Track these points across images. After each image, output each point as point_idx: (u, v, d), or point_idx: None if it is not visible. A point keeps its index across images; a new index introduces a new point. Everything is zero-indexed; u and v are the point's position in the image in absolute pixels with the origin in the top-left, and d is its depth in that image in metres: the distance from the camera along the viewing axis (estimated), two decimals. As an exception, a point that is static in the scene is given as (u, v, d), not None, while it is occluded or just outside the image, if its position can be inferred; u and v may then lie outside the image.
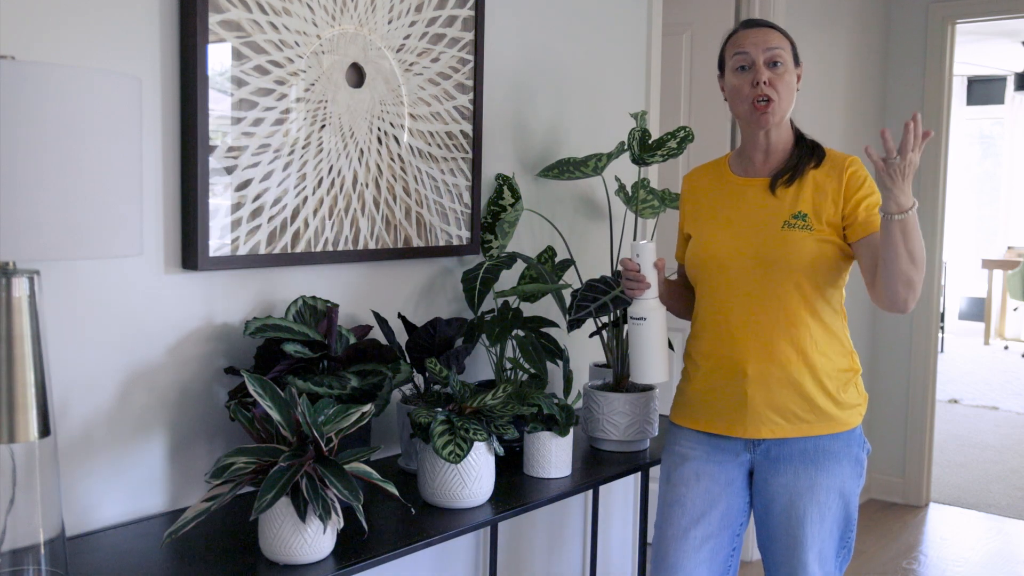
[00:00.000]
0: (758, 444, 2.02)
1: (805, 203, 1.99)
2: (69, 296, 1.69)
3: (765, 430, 2.00)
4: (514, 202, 2.42)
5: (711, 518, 2.04)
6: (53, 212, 1.30)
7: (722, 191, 2.11)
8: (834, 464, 1.98)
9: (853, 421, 2.02)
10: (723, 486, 2.05)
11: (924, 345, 4.58)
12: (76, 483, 1.72)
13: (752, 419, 2.00)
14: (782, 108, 2.01)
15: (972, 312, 10.38)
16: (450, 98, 2.30)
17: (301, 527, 1.56)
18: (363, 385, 1.86)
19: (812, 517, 1.98)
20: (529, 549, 2.69)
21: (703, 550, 2.04)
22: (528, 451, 2.11)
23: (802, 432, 1.99)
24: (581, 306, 2.20)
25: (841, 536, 2.03)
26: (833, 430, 1.99)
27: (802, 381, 1.98)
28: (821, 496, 1.98)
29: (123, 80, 1.39)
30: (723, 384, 2.03)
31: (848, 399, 2.02)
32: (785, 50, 2.02)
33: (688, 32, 3.79)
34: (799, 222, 1.97)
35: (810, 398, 1.98)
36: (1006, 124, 10.07)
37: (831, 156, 2.05)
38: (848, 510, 2.02)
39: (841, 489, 1.99)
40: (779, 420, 1.99)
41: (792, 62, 2.04)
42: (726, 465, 2.05)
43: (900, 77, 4.58)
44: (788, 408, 1.98)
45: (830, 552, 2.02)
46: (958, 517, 4.54)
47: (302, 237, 2.02)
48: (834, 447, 1.99)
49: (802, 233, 1.97)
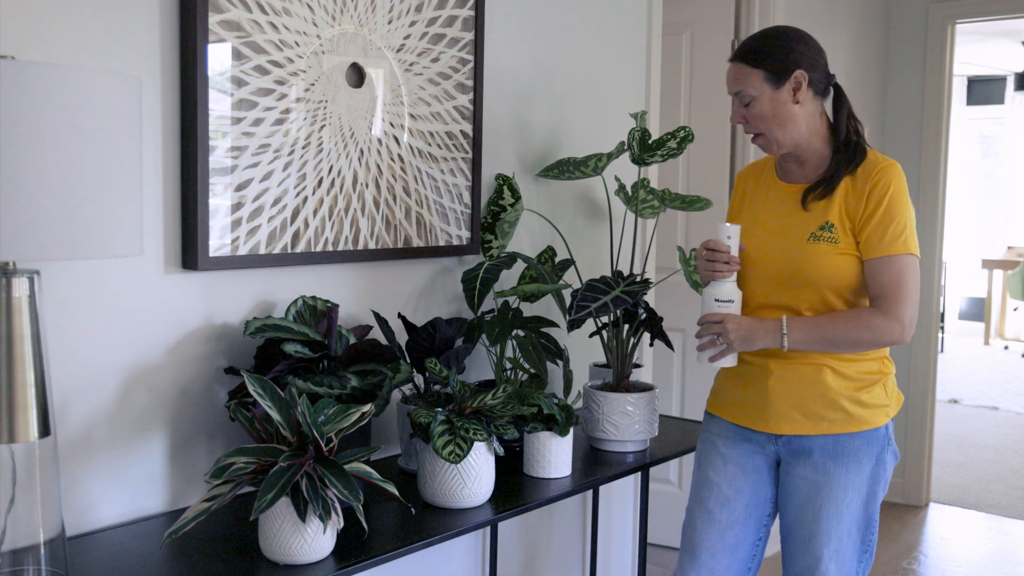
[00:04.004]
0: (780, 437, 2.04)
1: (834, 213, 1.96)
2: (69, 296, 1.69)
3: (786, 426, 2.01)
4: (514, 202, 2.42)
5: (737, 504, 2.08)
6: (53, 212, 1.30)
7: (764, 192, 2.11)
8: (854, 462, 1.98)
9: (876, 420, 1.99)
10: (749, 473, 2.08)
11: (924, 345, 4.58)
12: (76, 483, 1.72)
13: (774, 416, 2.02)
14: (776, 136, 1.99)
15: (972, 312, 10.38)
16: (450, 98, 2.30)
17: (301, 527, 1.56)
18: (363, 385, 1.86)
19: (829, 512, 1.97)
20: (529, 549, 2.69)
21: (728, 535, 2.08)
22: (528, 451, 2.11)
23: (822, 430, 1.99)
24: (581, 306, 2.20)
25: (862, 539, 2.01)
26: (854, 428, 1.98)
27: (825, 382, 1.97)
28: (839, 492, 1.97)
29: (123, 80, 1.39)
30: (750, 380, 2.06)
31: (872, 399, 1.99)
32: (752, 84, 1.97)
33: (688, 32, 3.79)
34: (825, 234, 1.95)
35: (832, 399, 1.98)
36: (1006, 124, 10.07)
37: (868, 161, 1.98)
38: (868, 511, 2.01)
39: (860, 488, 1.98)
40: (800, 418, 2.00)
41: (768, 87, 1.97)
42: (753, 455, 2.08)
43: (900, 77, 4.58)
44: (809, 407, 1.99)
45: (849, 553, 2.00)
46: (958, 517, 4.54)
47: (302, 237, 2.02)
48: (854, 445, 1.98)
49: (826, 247, 1.95)
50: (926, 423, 4.61)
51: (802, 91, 1.97)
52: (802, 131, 2.00)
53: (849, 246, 1.95)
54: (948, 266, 9.28)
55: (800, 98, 1.97)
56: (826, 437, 1.99)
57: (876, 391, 2.00)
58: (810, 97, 1.99)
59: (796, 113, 1.98)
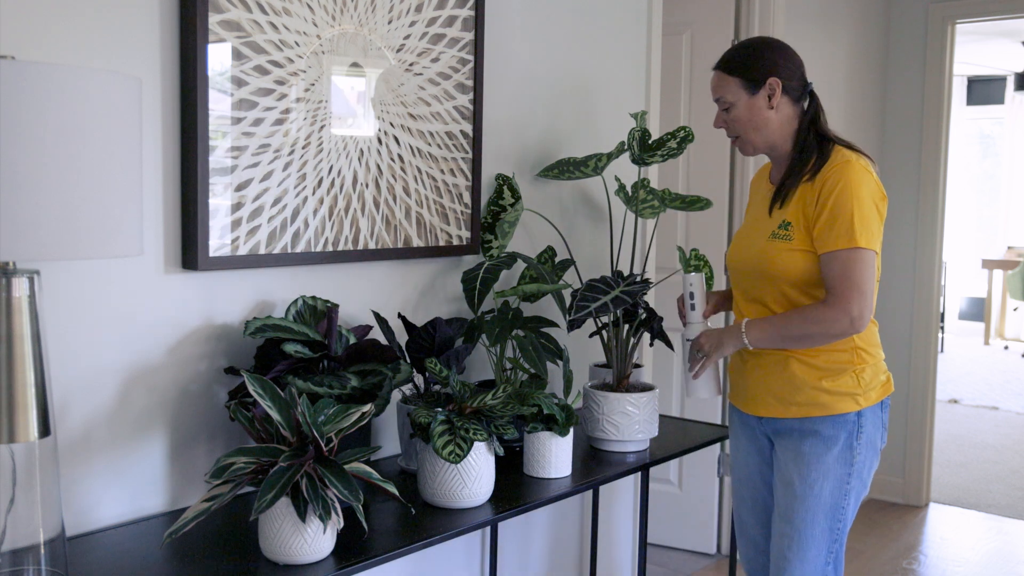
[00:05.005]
0: (763, 419, 2.20)
1: (792, 212, 2.09)
2: (69, 296, 1.69)
3: (763, 409, 2.18)
4: (514, 202, 2.42)
5: (753, 480, 2.28)
6: (53, 212, 1.30)
7: (758, 195, 2.26)
8: (821, 444, 2.09)
9: (842, 407, 2.08)
10: (753, 454, 2.27)
11: (924, 345, 4.58)
12: (76, 483, 1.72)
13: (752, 399, 2.21)
14: (750, 139, 2.16)
15: (972, 312, 10.38)
16: (450, 98, 2.30)
17: (301, 527, 1.56)
18: (363, 385, 1.86)
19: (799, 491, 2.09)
20: (529, 549, 2.69)
21: (758, 508, 2.28)
22: (528, 451, 2.11)
23: (792, 414, 2.12)
24: (581, 306, 2.20)
25: (830, 528, 2.09)
26: (819, 413, 2.09)
27: (791, 369, 2.10)
28: (804, 471, 2.10)
29: (123, 80, 1.39)
30: (739, 368, 2.25)
31: (837, 387, 2.09)
32: (730, 90, 2.14)
33: (688, 32, 3.79)
34: (781, 231, 2.09)
35: (797, 385, 2.10)
36: (1006, 124, 10.06)
37: (828, 162, 2.08)
38: (835, 498, 2.09)
39: (826, 471, 2.08)
40: (773, 402, 2.15)
41: (744, 94, 2.12)
42: (754, 436, 2.26)
43: (900, 77, 4.58)
44: (780, 392, 2.13)
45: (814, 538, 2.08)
46: (958, 517, 4.54)
47: (302, 237, 2.02)
48: (821, 429, 2.09)
49: (781, 244, 2.08)
50: (926, 423, 4.61)
51: (776, 97, 2.12)
52: (775, 134, 2.15)
53: (803, 243, 2.06)
54: (948, 266, 9.28)
55: (774, 104, 2.12)
56: (796, 420, 2.12)
57: (843, 379, 2.09)
58: (786, 103, 2.13)
59: (770, 118, 2.13)
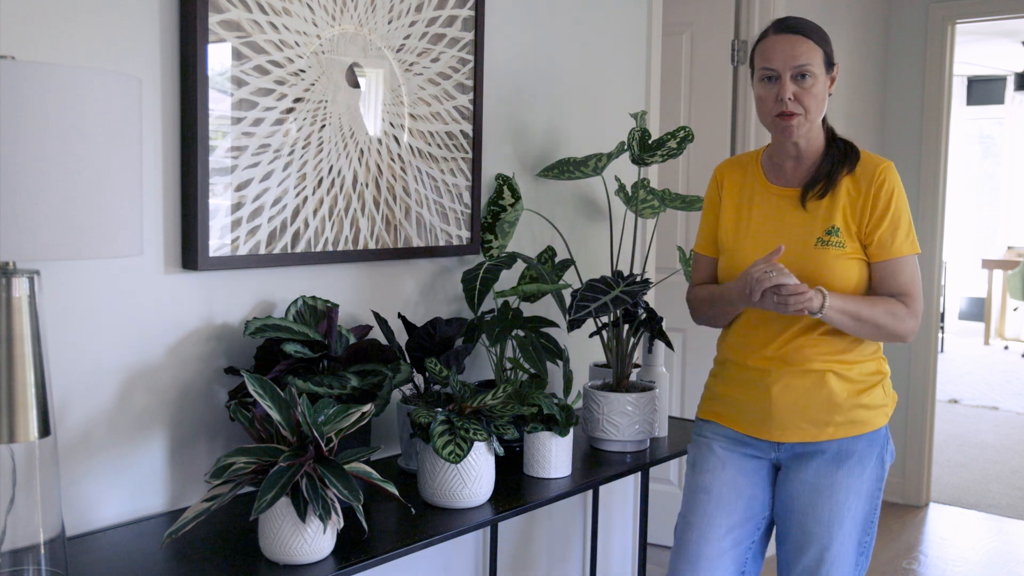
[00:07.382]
0: (783, 444, 2.02)
1: (838, 215, 1.94)
2: (69, 296, 1.69)
3: (791, 435, 1.99)
4: (514, 202, 2.42)
5: (737, 507, 2.03)
6: (53, 212, 1.30)
7: (753, 196, 2.05)
8: (857, 464, 1.97)
9: (878, 422, 1.99)
10: (748, 475, 2.04)
11: (924, 345, 4.58)
12: (76, 483, 1.72)
13: (778, 425, 2.00)
14: (809, 120, 1.93)
15: (972, 312, 10.38)
16: (450, 98, 2.30)
17: (301, 527, 1.56)
18: (363, 385, 1.86)
19: (830, 516, 1.96)
20: (529, 549, 2.69)
21: (727, 539, 2.03)
22: (528, 451, 2.11)
23: (828, 436, 1.97)
24: (581, 306, 2.20)
25: (859, 542, 2.00)
26: (858, 431, 1.98)
27: (829, 386, 1.96)
28: (840, 496, 1.96)
29: (123, 80, 1.39)
30: (750, 387, 2.03)
31: (873, 401, 1.99)
32: (815, 61, 1.91)
33: (688, 32, 3.79)
34: (832, 238, 1.93)
35: (837, 403, 1.96)
36: (1006, 124, 10.06)
37: (864, 161, 1.97)
38: (867, 513, 2.00)
39: (861, 490, 1.98)
40: (806, 426, 1.98)
41: (824, 70, 1.94)
42: (751, 459, 2.05)
43: (900, 77, 4.58)
44: (815, 415, 1.97)
45: (848, 557, 1.98)
46: (958, 517, 4.54)
47: (302, 237, 2.02)
48: (858, 448, 1.98)
49: (836, 251, 1.93)
50: (926, 423, 4.61)
51: (834, 83, 1.99)
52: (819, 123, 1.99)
53: (855, 250, 1.94)
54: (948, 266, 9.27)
55: (832, 90, 1.98)
56: (831, 442, 1.98)
57: (876, 392, 2.00)
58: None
59: (827, 103, 1.98)
